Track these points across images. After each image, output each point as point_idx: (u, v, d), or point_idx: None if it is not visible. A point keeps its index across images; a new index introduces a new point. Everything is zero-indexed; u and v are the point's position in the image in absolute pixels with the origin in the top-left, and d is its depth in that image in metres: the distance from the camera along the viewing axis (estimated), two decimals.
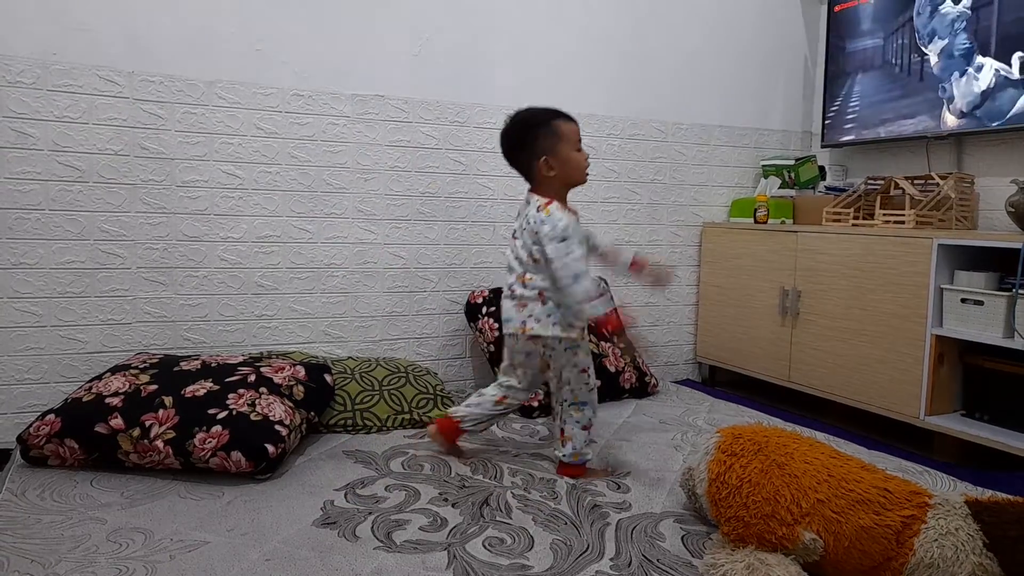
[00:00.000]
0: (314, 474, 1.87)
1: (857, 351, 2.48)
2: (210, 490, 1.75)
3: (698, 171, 3.19)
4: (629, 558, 1.47)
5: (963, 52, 2.54)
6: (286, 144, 2.46)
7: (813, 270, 2.65)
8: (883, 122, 2.85)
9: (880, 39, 2.86)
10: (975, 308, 2.16)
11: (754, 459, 1.47)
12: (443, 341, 2.78)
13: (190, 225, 2.37)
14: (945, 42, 2.60)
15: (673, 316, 3.21)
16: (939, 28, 2.62)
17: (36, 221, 2.19)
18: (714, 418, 2.50)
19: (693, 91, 3.13)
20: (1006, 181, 2.41)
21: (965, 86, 2.54)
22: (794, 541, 1.37)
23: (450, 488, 1.80)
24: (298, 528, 1.57)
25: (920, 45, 2.69)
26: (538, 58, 2.82)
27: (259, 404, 1.92)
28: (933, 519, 1.31)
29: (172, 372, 2.01)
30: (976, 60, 2.50)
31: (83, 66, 2.20)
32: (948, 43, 2.59)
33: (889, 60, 2.83)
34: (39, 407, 2.17)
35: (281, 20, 2.43)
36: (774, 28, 3.28)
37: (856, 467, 1.44)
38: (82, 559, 1.41)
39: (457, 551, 1.48)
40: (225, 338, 2.45)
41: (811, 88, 3.37)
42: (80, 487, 1.75)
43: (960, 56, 2.55)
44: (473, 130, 2.74)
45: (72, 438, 1.83)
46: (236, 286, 2.45)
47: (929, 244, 2.25)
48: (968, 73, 2.53)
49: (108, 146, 2.25)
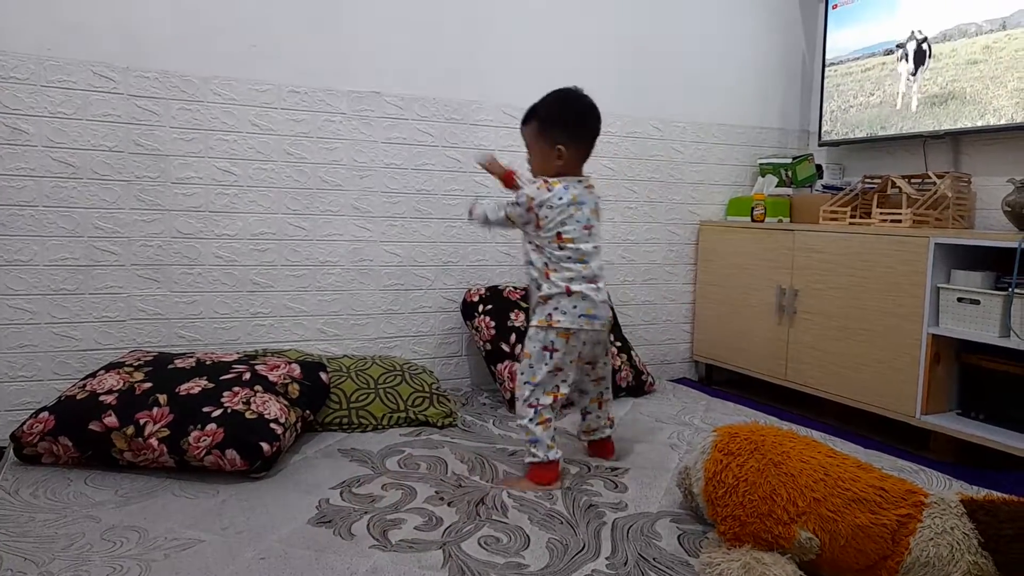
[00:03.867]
0: (309, 473, 1.86)
1: (853, 350, 2.48)
2: (205, 488, 1.74)
3: (695, 169, 3.19)
4: (625, 557, 1.47)
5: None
6: (282, 141, 2.45)
7: (810, 269, 2.65)
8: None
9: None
10: (971, 307, 2.16)
11: (750, 458, 1.47)
12: (439, 339, 2.77)
13: (185, 222, 2.36)
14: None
15: (670, 315, 3.21)
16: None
17: (30, 218, 2.18)
18: (711, 417, 2.50)
19: (690, 89, 3.13)
20: (1003, 180, 2.41)
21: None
22: (790, 540, 1.37)
23: (446, 487, 1.79)
24: (293, 527, 1.56)
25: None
26: (535, 55, 2.81)
27: (254, 402, 1.91)
28: (929, 518, 1.31)
29: (166, 370, 2.00)
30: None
31: (77, 62, 2.19)
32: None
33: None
34: (32, 405, 2.16)
35: (277, 16, 2.42)
36: (772, 26, 3.27)
37: (852, 466, 1.44)
38: (76, 557, 1.40)
39: (452, 550, 1.48)
40: (220, 336, 2.44)
41: (808, 86, 3.37)
42: (74, 485, 1.74)
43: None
44: (470, 127, 2.74)
45: (66, 436, 1.82)
46: (231, 283, 2.44)
47: (926, 243, 2.25)
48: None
49: (102, 142, 2.24)
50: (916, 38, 2.70)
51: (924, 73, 2.68)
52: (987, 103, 2.47)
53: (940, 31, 2.61)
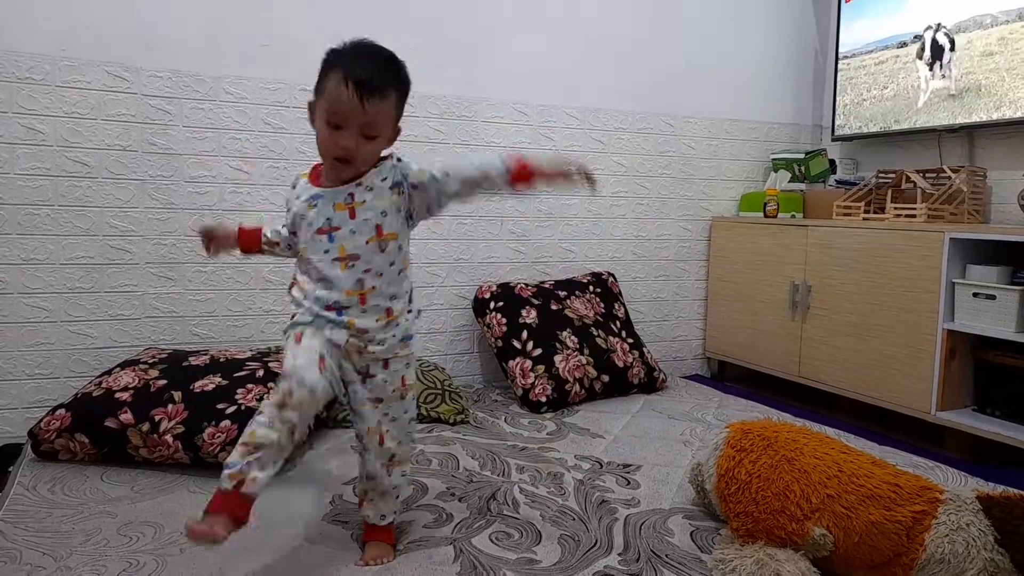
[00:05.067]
0: (322, 469, 1.87)
1: (867, 346, 2.46)
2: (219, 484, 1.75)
3: (707, 165, 3.17)
4: (638, 553, 1.47)
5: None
6: (293, 139, 2.46)
7: (823, 264, 2.64)
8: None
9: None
10: (987, 302, 2.14)
11: (763, 454, 1.46)
12: (451, 336, 2.77)
13: (198, 220, 2.37)
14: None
15: (682, 311, 3.19)
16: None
17: (46, 217, 2.20)
18: (723, 413, 2.49)
19: (702, 85, 3.11)
20: (1019, 174, 2.38)
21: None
22: (804, 536, 1.36)
23: (457, 483, 1.80)
24: (307, 523, 1.57)
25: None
26: (545, 51, 2.81)
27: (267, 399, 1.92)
28: (944, 515, 1.30)
29: (181, 367, 2.02)
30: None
31: (92, 62, 2.21)
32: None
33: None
34: (49, 402, 2.18)
35: (287, 15, 2.43)
36: (784, 20, 3.25)
37: (866, 462, 1.43)
38: (93, 552, 1.41)
39: (464, 545, 1.48)
40: (233, 333, 2.45)
41: (821, 81, 3.34)
42: (90, 481, 1.76)
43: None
44: (480, 124, 2.74)
45: (82, 432, 1.84)
46: (244, 281, 2.45)
47: (941, 238, 2.23)
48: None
49: (116, 142, 2.26)
50: (932, 28, 2.68)
51: (944, 67, 2.65)
52: (1003, 95, 2.44)
53: (955, 23, 2.58)
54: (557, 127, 2.87)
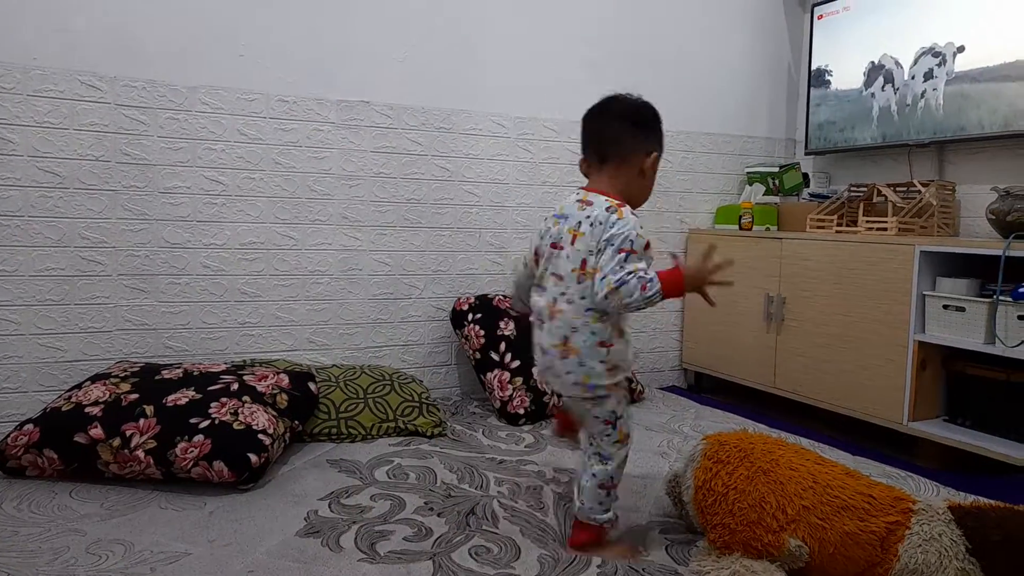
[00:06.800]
0: (298, 484, 1.85)
1: (841, 357, 2.50)
2: (192, 500, 1.73)
3: (683, 178, 3.20)
4: (615, 567, 1.47)
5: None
6: (270, 150, 2.45)
7: (797, 276, 2.67)
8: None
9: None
10: (957, 314, 2.18)
11: (740, 466, 1.47)
12: (429, 348, 2.76)
13: (172, 232, 2.35)
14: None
15: (658, 322, 3.21)
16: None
17: (15, 228, 2.16)
18: (700, 425, 2.51)
19: (678, 98, 3.14)
20: (987, 188, 2.43)
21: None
22: (780, 548, 1.37)
23: (435, 497, 1.79)
24: (281, 538, 1.55)
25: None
26: (525, 64, 2.83)
27: (242, 413, 1.90)
28: (917, 525, 1.32)
29: (153, 381, 1.99)
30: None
31: (64, 71, 2.18)
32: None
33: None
34: (17, 417, 2.14)
35: (265, 25, 2.42)
36: (758, 36, 3.30)
37: (841, 473, 1.44)
38: (61, 571, 1.38)
39: (442, 560, 1.47)
40: (208, 346, 2.42)
41: (795, 95, 3.40)
42: (59, 498, 1.72)
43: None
44: (459, 136, 2.74)
45: (51, 448, 1.80)
46: (219, 293, 2.43)
47: (911, 251, 2.27)
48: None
49: (89, 152, 2.23)
50: (894, 56, 2.74)
51: (907, 85, 2.71)
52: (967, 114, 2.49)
53: (919, 47, 2.65)
54: (535, 139, 2.88)
